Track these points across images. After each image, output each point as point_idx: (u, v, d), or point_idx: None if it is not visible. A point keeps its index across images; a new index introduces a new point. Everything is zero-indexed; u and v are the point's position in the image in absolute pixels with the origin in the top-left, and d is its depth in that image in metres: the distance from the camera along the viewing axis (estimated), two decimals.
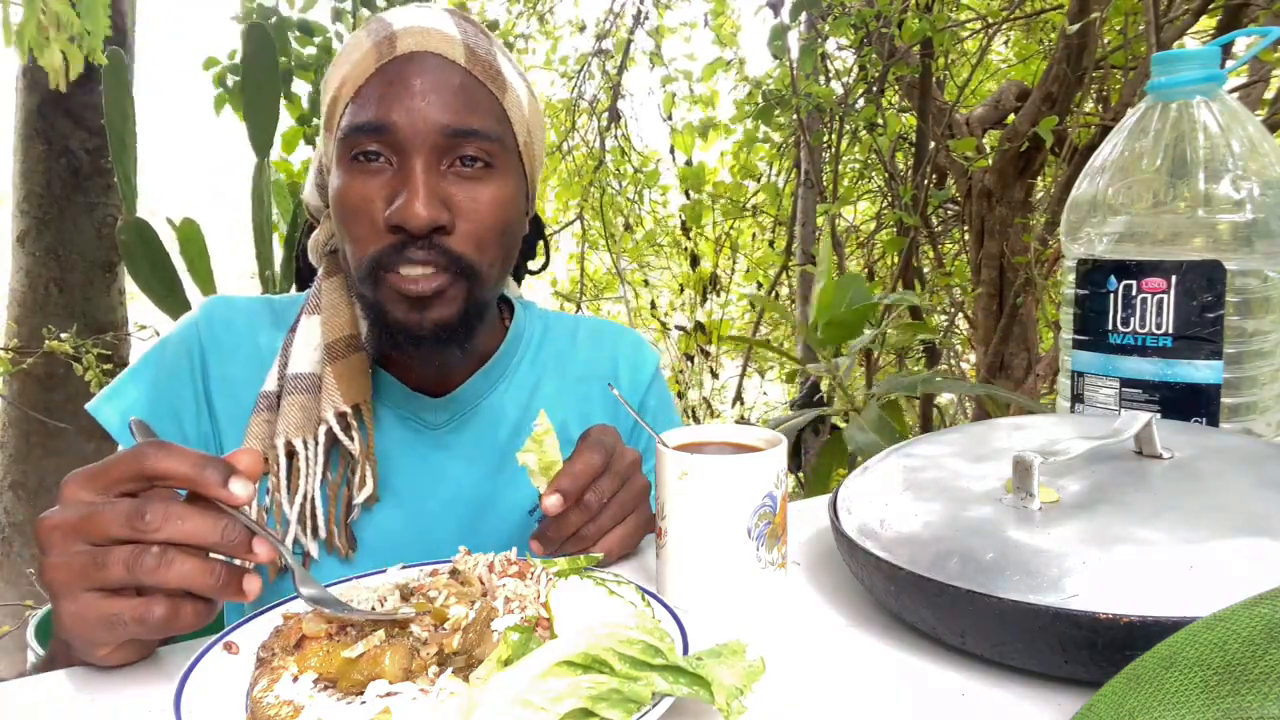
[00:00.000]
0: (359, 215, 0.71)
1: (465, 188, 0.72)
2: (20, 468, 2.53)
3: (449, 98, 0.71)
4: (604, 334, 0.96)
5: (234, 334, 0.82)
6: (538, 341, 0.92)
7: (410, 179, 0.69)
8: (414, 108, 0.69)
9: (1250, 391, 0.73)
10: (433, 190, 0.69)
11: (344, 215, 0.72)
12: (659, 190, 4.16)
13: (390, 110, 0.69)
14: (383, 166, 0.71)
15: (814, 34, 3.15)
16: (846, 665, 0.53)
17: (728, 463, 0.59)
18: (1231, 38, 0.96)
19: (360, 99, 0.71)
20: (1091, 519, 0.52)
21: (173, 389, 0.79)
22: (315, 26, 2.73)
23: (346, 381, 0.76)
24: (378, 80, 0.71)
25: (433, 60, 0.71)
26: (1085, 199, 0.80)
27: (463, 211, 0.71)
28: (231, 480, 0.50)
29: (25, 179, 2.51)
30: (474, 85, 0.73)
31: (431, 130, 0.70)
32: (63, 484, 0.51)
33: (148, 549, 0.48)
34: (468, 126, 0.71)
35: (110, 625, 0.49)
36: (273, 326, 0.84)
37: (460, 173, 0.72)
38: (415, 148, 0.69)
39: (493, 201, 0.73)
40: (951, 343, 4.07)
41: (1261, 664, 0.36)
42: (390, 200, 0.70)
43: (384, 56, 0.71)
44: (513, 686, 0.41)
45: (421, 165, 0.69)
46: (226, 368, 0.80)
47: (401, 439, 0.82)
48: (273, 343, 0.82)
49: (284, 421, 0.76)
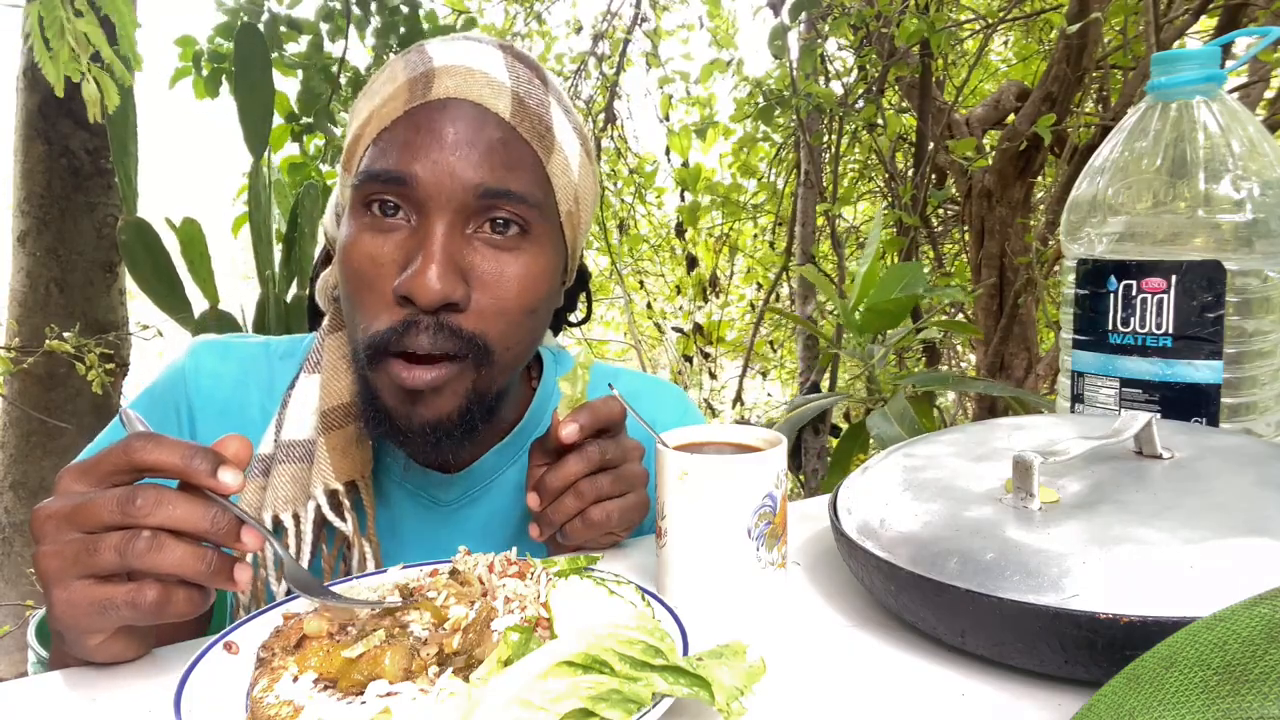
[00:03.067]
0: (365, 280, 0.63)
1: (491, 257, 0.64)
2: (20, 468, 2.53)
3: (484, 153, 0.62)
4: (643, 392, 0.86)
5: (223, 390, 0.76)
6: None
7: (427, 243, 0.61)
8: (441, 161, 0.61)
9: (1250, 391, 0.73)
10: (450, 259, 0.61)
11: (349, 276, 0.65)
12: (654, 193, 4.16)
13: (414, 160, 0.61)
14: (399, 223, 0.63)
15: (814, 34, 3.15)
16: (846, 665, 0.53)
17: (728, 463, 0.59)
18: (1231, 38, 0.96)
19: (382, 142, 0.64)
20: (1091, 519, 0.52)
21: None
22: (305, 24, 2.73)
23: (340, 454, 0.69)
24: (405, 124, 0.63)
25: (470, 109, 0.63)
26: (1085, 199, 0.80)
27: (484, 284, 0.63)
28: (220, 469, 0.50)
29: (26, 179, 2.51)
30: (516, 142, 0.64)
31: (459, 189, 0.61)
32: (57, 477, 0.51)
33: (139, 534, 0.48)
34: (502, 187, 0.62)
35: (102, 610, 0.49)
36: (268, 380, 0.77)
37: (489, 239, 0.64)
38: (438, 207, 0.62)
39: (522, 277, 0.64)
40: (952, 342, 4.07)
41: (1261, 664, 0.36)
42: (403, 265, 0.62)
43: (416, 99, 0.63)
44: (513, 686, 0.41)
45: (443, 228, 0.61)
46: (215, 427, 0.75)
47: (410, 513, 0.77)
48: (267, 401, 0.76)
49: (273, 493, 0.69)
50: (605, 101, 3.89)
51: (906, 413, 1.45)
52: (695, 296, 4.08)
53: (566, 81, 4.05)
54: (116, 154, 2.01)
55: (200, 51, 2.65)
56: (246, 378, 0.77)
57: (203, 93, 2.68)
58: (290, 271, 2.21)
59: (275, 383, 0.77)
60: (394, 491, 0.77)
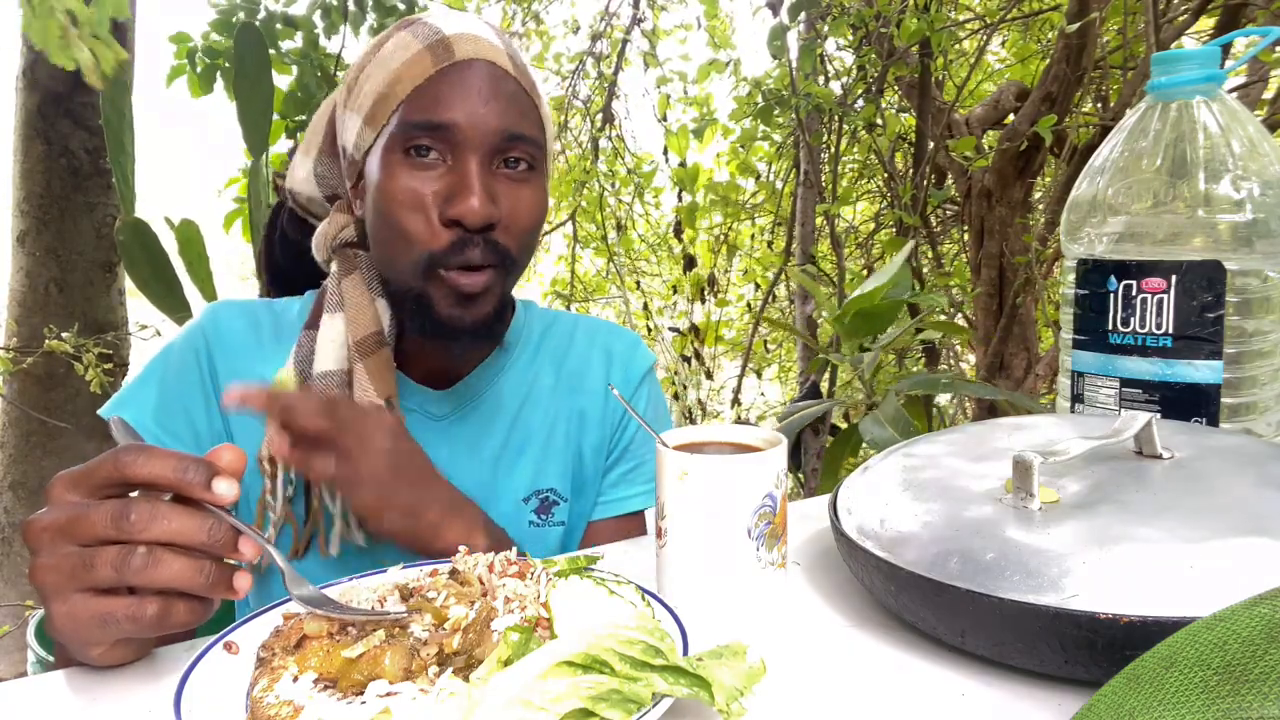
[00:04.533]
0: (414, 211, 0.74)
1: (511, 188, 0.76)
2: (20, 468, 2.53)
3: (506, 104, 0.75)
4: (599, 331, 0.99)
5: (237, 334, 0.83)
6: (538, 338, 0.94)
7: (467, 177, 0.73)
8: (475, 111, 0.73)
9: (1250, 391, 0.73)
10: (486, 190, 0.73)
11: (395, 209, 0.74)
12: (652, 193, 4.16)
13: (454, 110, 0.73)
14: (435, 162, 0.74)
15: (813, 34, 3.15)
16: (846, 665, 0.53)
17: (728, 463, 0.59)
18: (1231, 38, 0.96)
19: (418, 98, 0.74)
20: (1091, 519, 0.52)
21: (182, 390, 0.80)
22: (300, 21, 2.72)
23: (378, 377, 0.79)
24: (439, 81, 0.74)
25: (489, 68, 0.76)
26: (1085, 199, 0.80)
27: (509, 210, 0.76)
28: (215, 480, 0.50)
29: (25, 179, 2.51)
30: (521, 94, 0.78)
31: (490, 132, 0.74)
32: (50, 485, 0.51)
33: (135, 549, 0.48)
34: (520, 131, 0.76)
35: (103, 624, 0.49)
36: (274, 329, 0.85)
37: (508, 175, 0.77)
38: (473, 148, 0.73)
39: (533, 202, 0.78)
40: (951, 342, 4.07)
41: (1261, 664, 0.36)
42: (444, 196, 0.73)
43: (441, 60, 0.75)
44: (513, 686, 0.41)
45: (477, 165, 0.73)
46: (233, 363, 0.82)
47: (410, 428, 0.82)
48: (275, 345, 0.83)
49: None
50: (603, 101, 3.89)
51: (899, 415, 1.45)
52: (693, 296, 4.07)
53: (564, 81, 4.06)
54: (113, 153, 2.00)
55: (195, 48, 2.64)
56: (257, 326, 0.85)
57: (198, 90, 2.67)
58: None
59: (281, 331, 0.85)
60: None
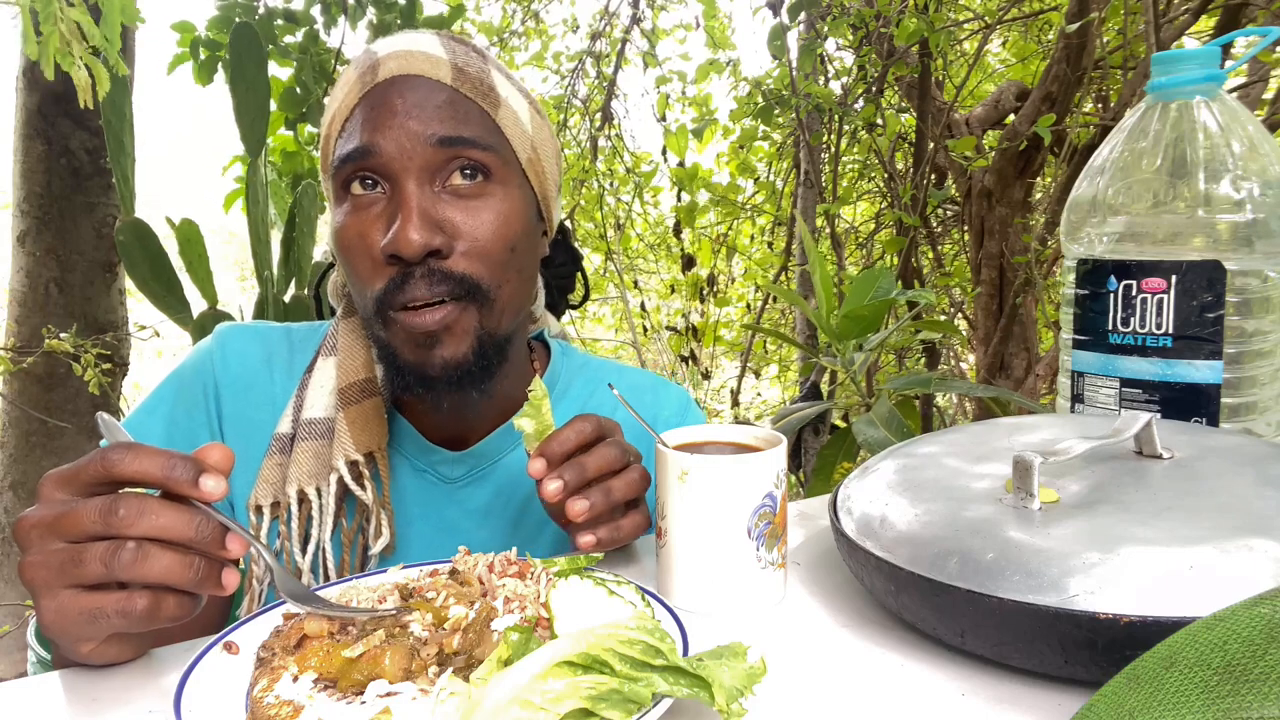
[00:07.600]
0: (355, 250, 0.69)
1: (462, 206, 0.69)
2: (20, 468, 2.53)
3: (433, 112, 0.68)
4: (644, 390, 0.89)
5: (249, 370, 0.80)
6: (568, 389, 0.86)
7: (403, 204, 0.67)
8: (396, 125, 0.67)
9: (1250, 391, 0.73)
10: (425, 212, 0.67)
11: (343, 253, 0.71)
12: (650, 193, 4.16)
13: (374, 133, 0.67)
14: (377, 197, 0.69)
15: (813, 34, 3.15)
16: (846, 665, 0.53)
17: (728, 463, 0.59)
18: (1231, 38, 0.96)
19: (346, 130, 0.70)
20: (1091, 519, 0.52)
21: (189, 422, 0.78)
22: (300, 15, 2.73)
23: (360, 428, 0.74)
24: (361, 107, 0.70)
25: (415, 81, 0.69)
26: (1085, 199, 0.80)
27: (462, 230, 0.68)
28: (202, 477, 0.50)
29: (25, 179, 2.51)
30: (461, 100, 0.70)
31: (417, 144, 0.67)
32: (40, 483, 0.51)
33: (124, 544, 0.48)
34: (456, 134, 0.68)
35: (93, 620, 0.49)
36: (288, 362, 0.82)
37: (456, 190, 0.69)
38: (403, 169, 0.67)
39: (493, 216, 0.70)
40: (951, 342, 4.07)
41: (1261, 664, 0.36)
42: (386, 230, 0.67)
43: (367, 85, 0.70)
44: (513, 686, 0.41)
45: (413, 186, 0.67)
46: (240, 406, 0.79)
47: (416, 490, 0.80)
48: (287, 382, 0.80)
49: (295, 468, 0.74)
50: (602, 101, 3.89)
51: (893, 416, 1.44)
52: (691, 296, 4.07)
53: (564, 80, 4.05)
54: (113, 153, 2.00)
55: (198, 38, 2.64)
56: (270, 359, 0.81)
57: (201, 78, 2.67)
58: (289, 271, 2.20)
59: (295, 365, 0.81)
60: (402, 468, 0.80)
